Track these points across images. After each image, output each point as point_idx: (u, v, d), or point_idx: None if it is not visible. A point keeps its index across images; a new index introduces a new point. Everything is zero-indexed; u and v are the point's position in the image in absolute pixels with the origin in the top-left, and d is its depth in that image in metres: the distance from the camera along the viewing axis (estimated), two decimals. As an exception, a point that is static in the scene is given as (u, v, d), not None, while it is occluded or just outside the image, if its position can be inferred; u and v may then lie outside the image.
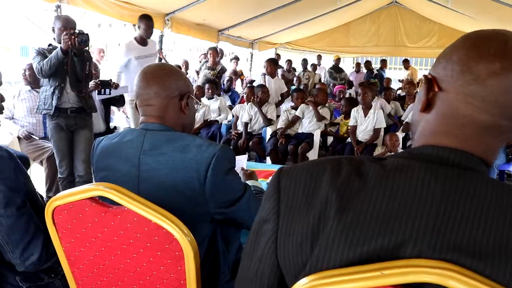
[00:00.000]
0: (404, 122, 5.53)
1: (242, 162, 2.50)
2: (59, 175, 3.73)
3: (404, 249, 0.67)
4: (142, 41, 5.01)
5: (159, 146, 1.35)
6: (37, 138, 4.30)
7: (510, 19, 7.29)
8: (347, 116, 5.57)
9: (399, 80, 11.83)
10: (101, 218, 1.14)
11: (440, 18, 10.44)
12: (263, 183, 2.07)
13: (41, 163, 4.35)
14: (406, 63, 11.91)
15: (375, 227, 0.69)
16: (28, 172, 3.67)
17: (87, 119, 3.74)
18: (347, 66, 13.72)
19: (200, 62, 8.22)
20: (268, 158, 5.35)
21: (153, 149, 1.35)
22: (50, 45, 3.60)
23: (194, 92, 6.01)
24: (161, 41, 7.26)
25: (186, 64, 8.39)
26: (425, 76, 0.83)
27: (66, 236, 1.20)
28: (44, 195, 4.29)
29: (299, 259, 0.75)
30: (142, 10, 5.97)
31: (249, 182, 1.82)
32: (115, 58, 7.68)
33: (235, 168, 1.44)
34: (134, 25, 6.82)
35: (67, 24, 3.44)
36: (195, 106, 1.63)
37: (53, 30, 3.53)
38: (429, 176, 0.71)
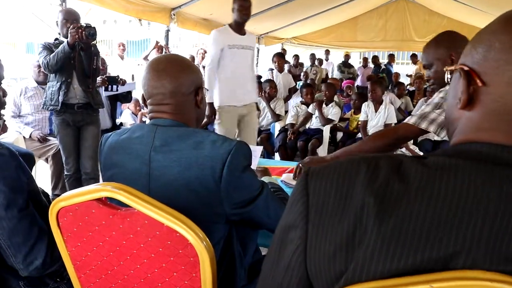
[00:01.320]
0: (415, 118, 5.42)
1: (256, 153, 2.40)
2: (65, 172, 3.67)
3: (455, 262, 0.58)
4: (238, 27, 3.92)
5: (170, 143, 1.27)
6: (51, 138, 4.22)
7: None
8: (357, 111, 5.48)
9: (407, 75, 11.71)
10: (109, 221, 1.05)
11: (449, 12, 10.28)
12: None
13: (46, 160, 4.29)
14: (414, 58, 11.76)
15: (420, 237, 0.60)
16: (34, 169, 3.58)
17: (94, 115, 3.67)
18: (354, 61, 13.59)
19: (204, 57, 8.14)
20: (276, 154, 5.27)
21: (164, 146, 1.27)
22: (56, 39, 3.53)
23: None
24: (167, 36, 7.19)
25: (192, 59, 8.31)
26: (461, 68, 0.73)
27: (72, 240, 1.12)
28: (50, 193, 4.23)
29: (332, 270, 0.66)
30: (147, 4, 5.88)
31: (264, 179, 1.74)
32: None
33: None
34: (139, 20, 6.75)
35: (70, 16, 3.37)
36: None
37: (57, 24, 3.46)
38: (482, 177, 0.61)
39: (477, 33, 0.74)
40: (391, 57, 11.90)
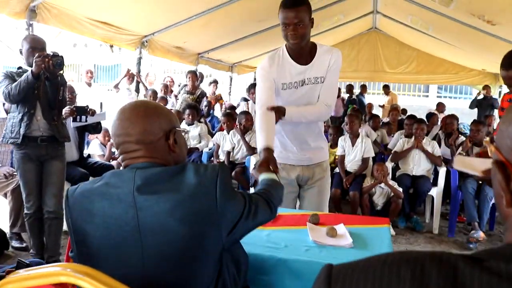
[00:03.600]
0: (392, 151, 5.33)
1: None
2: (25, 211, 3.37)
3: None
4: (297, 53, 2.47)
5: (155, 181, 1.22)
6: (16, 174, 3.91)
7: (490, 47, 7.31)
8: (334, 145, 5.37)
9: (380, 105, 11.81)
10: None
11: (419, 44, 10.49)
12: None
13: (5, 195, 3.99)
14: (386, 89, 11.88)
15: None
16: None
17: (59, 148, 3.41)
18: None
19: (179, 85, 7.97)
20: (252, 189, 5.07)
21: (148, 185, 1.21)
22: (19, 68, 3.29)
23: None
24: (139, 63, 7.01)
25: (166, 88, 8.07)
26: (496, 161, 0.58)
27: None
28: (7, 231, 3.92)
29: None
30: (119, 30, 5.71)
31: (266, 175, 1.77)
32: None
33: None
34: (111, 46, 6.55)
35: (36, 44, 3.14)
36: (184, 135, 1.48)
37: (21, 52, 3.22)
38: None
39: (508, 109, 0.60)
40: (363, 87, 12.00)
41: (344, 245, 1.76)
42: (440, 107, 9.82)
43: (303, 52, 2.45)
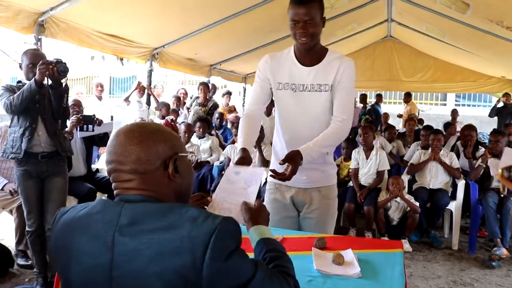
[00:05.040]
0: (409, 164, 5.14)
1: (258, 177, 1.70)
2: (27, 228, 3.30)
3: None
4: (303, 54, 2.25)
5: (141, 221, 1.05)
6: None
7: (509, 54, 7.10)
8: (348, 158, 5.20)
9: (398, 115, 11.61)
10: None
11: (435, 52, 10.27)
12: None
13: (10, 212, 3.93)
14: (407, 97, 11.57)
15: None
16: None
17: (61, 164, 3.33)
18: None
19: (191, 98, 7.89)
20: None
21: (133, 225, 1.05)
22: (19, 81, 3.23)
23: (183, 132, 5.56)
24: (149, 76, 6.94)
25: (178, 100, 7.97)
26: None
27: None
28: (13, 248, 3.85)
29: None
30: (129, 43, 5.66)
31: (256, 231, 1.35)
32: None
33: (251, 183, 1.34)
34: (121, 59, 6.51)
35: (36, 60, 3.06)
36: (191, 158, 1.24)
37: (21, 67, 3.16)
38: None
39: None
40: (379, 97, 11.80)
41: (351, 275, 1.62)
42: (453, 114, 9.77)
43: (310, 54, 2.22)
